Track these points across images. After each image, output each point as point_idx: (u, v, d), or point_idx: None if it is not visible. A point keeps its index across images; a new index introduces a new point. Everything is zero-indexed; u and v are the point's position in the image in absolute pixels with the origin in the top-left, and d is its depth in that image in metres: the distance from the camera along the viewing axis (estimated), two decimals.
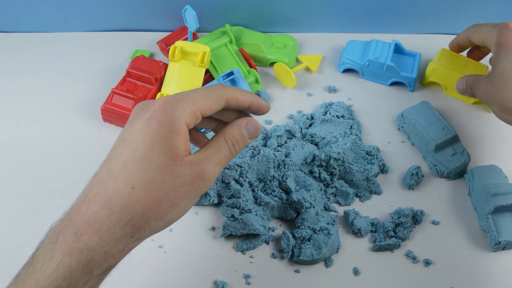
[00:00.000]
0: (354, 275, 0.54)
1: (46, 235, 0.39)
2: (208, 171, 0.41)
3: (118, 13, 0.74)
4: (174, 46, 0.65)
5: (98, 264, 0.38)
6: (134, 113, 0.42)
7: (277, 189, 0.58)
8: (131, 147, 0.39)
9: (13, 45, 0.75)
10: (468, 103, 0.68)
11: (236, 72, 0.64)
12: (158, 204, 0.39)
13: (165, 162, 0.39)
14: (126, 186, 0.38)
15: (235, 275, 0.54)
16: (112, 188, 0.38)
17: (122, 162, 0.39)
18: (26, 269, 0.38)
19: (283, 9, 0.73)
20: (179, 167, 0.40)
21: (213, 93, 0.42)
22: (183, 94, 0.41)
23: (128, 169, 0.39)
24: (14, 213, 0.58)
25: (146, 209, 0.38)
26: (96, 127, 0.66)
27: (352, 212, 0.57)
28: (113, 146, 0.41)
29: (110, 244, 0.38)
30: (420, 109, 0.64)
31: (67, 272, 0.37)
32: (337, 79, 0.71)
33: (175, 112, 0.40)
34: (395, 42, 0.69)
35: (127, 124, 0.41)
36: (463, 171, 0.60)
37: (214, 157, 0.42)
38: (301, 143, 0.62)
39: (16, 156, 0.63)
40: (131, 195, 0.38)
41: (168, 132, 0.39)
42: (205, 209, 0.59)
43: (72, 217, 0.39)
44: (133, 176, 0.38)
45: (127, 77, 0.67)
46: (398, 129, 0.66)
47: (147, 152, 0.39)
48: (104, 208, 0.38)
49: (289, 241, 0.54)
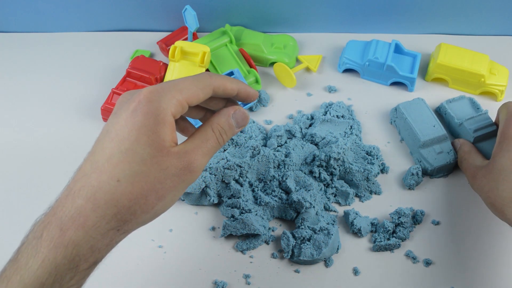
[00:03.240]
0: (354, 275, 0.54)
1: (31, 229, 0.38)
2: (195, 162, 0.40)
3: (118, 13, 0.74)
4: (174, 46, 0.65)
5: (84, 259, 0.37)
6: (118, 104, 0.41)
7: (277, 189, 0.58)
8: (116, 139, 0.38)
9: (13, 45, 0.75)
10: (474, 94, 0.69)
11: (236, 72, 0.64)
12: (145, 197, 0.38)
13: (151, 154, 0.38)
14: (112, 179, 0.37)
15: (235, 275, 0.54)
16: (97, 181, 0.38)
17: (107, 155, 0.38)
18: (11, 264, 0.38)
19: (283, 9, 0.73)
20: (166, 159, 0.39)
21: (200, 82, 0.41)
22: (169, 84, 0.40)
23: (113, 162, 0.38)
24: (14, 213, 0.58)
25: (132, 202, 0.38)
26: (96, 127, 0.65)
27: (352, 212, 0.57)
28: (97, 138, 0.40)
29: (96, 239, 0.37)
30: (414, 105, 0.64)
31: (52, 268, 0.36)
32: (337, 79, 0.71)
33: (161, 102, 0.39)
34: (395, 42, 0.69)
35: (111, 116, 0.40)
36: (447, 170, 0.61)
37: (201, 147, 0.41)
38: (301, 143, 0.62)
39: (16, 156, 0.63)
40: (117, 189, 0.37)
41: (154, 124, 0.38)
42: (205, 209, 0.59)
43: (56, 211, 0.38)
44: (119, 169, 0.38)
45: (127, 77, 0.67)
46: (390, 123, 0.66)
47: (132, 144, 0.38)
48: (89, 202, 0.37)
49: (289, 241, 0.54)
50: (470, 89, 0.69)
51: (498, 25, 0.75)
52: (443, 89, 0.70)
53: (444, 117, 0.66)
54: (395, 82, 0.70)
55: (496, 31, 0.75)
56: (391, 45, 0.69)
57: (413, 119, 0.62)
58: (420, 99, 0.65)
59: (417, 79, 0.69)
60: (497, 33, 0.76)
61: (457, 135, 0.64)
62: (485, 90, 0.68)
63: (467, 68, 0.67)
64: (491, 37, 0.76)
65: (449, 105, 0.65)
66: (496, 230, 0.57)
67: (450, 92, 0.69)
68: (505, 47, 0.74)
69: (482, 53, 0.68)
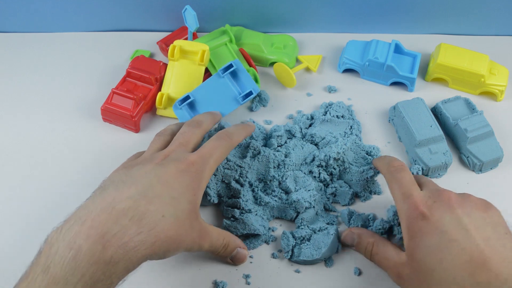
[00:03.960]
0: (355, 275, 0.54)
1: (64, 237, 0.40)
2: (205, 243, 0.48)
3: (118, 13, 0.74)
4: (173, 45, 0.65)
5: (117, 277, 0.41)
6: (161, 156, 0.49)
7: (277, 189, 0.58)
8: (167, 185, 0.45)
9: (13, 45, 0.75)
10: (474, 94, 0.69)
11: (236, 63, 0.61)
12: (173, 240, 0.43)
13: (189, 209, 0.45)
14: (158, 213, 0.43)
15: (235, 275, 0.54)
16: (144, 208, 0.42)
17: (156, 193, 0.44)
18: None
19: (283, 9, 0.73)
20: (195, 221, 0.46)
21: (228, 149, 0.53)
22: (208, 152, 0.50)
23: (162, 201, 0.44)
24: (14, 213, 0.58)
25: (166, 238, 0.43)
26: (96, 127, 0.66)
27: (350, 212, 0.57)
28: (138, 171, 0.46)
29: (131, 261, 0.41)
30: (413, 104, 0.64)
31: (92, 283, 0.39)
32: (337, 79, 0.71)
33: (204, 172, 0.48)
34: (395, 42, 0.70)
35: (157, 164, 0.47)
36: (442, 170, 0.61)
37: (213, 238, 0.49)
38: (301, 143, 0.62)
39: (16, 156, 0.63)
40: (160, 222, 0.42)
41: (197, 188, 0.47)
42: (205, 209, 0.59)
43: (95, 225, 0.41)
44: (165, 208, 0.43)
45: (127, 77, 0.67)
46: (388, 121, 0.66)
47: (180, 195, 0.45)
48: (134, 225, 0.41)
49: (289, 241, 0.54)
50: (470, 89, 0.69)
51: (498, 25, 0.75)
52: (443, 89, 0.70)
53: (439, 117, 0.66)
54: (395, 82, 0.70)
55: (496, 31, 0.76)
56: (391, 45, 0.69)
57: (411, 118, 0.62)
58: (419, 99, 0.65)
59: (417, 79, 0.69)
60: (497, 33, 0.76)
61: (452, 135, 0.64)
62: (485, 90, 0.68)
63: (467, 68, 0.67)
64: (491, 37, 0.76)
65: (445, 105, 0.65)
66: None
67: (450, 92, 0.69)
68: (505, 47, 0.74)
69: (482, 53, 0.68)
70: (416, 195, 0.48)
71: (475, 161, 0.61)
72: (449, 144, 0.64)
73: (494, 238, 0.43)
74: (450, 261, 0.43)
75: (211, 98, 0.62)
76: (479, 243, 0.43)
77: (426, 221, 0.45)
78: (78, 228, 0.40)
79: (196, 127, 0.54)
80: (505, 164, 0.62)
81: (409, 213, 0.47)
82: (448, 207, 0.46)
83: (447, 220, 0.45)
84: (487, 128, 0.62)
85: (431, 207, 0.46)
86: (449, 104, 0.65)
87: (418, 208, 0.46)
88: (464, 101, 0.65)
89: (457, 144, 0.64)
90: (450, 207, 0.46)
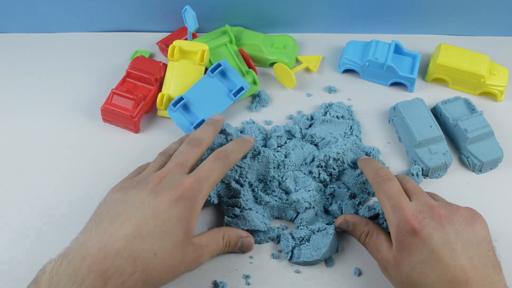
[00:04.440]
0: (355, 275, 0.54)
1: (65, 271, 0.42)
2: (203, 257, 0.50)
3: (118, 13, 0.74)
4: (172, 46, 0.65)
5: None
6: (157, 178, 0.49)
7: (277, 189, 0.58)
8: (159, 218, 0.46)
9: (13, 45, 0.75)
10: (473, 94, 0.69)
11: (223, 62, 0.64)
12: (166, 273, 0.46)
13: (181, 239, 0.46)
14: (150, 252, 0.44)
15: (235, 275, 0.54)
16: (139, 247, 0.44)
17: (149, 229, 0.45)
18: None
19: (283, 10, 0.73)
20: (189, 248, 0.48)
21: (225, 168, 0.53)
22: (204, 176, 0.50)
23: (154, 237, 0.45)
24: (14, 213, 0.58)
25: (159, 274, 0.45)
26: (96, 127, 0.66)
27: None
28: (133, 199, 0.47)
29: None
30: (413, 105, 0.64)
31: None
32: (337, 80, 0.71)
33: (198, 198, 0.48)
34: (395, 42, 0.70)
35: (152, 190, 0.47)
36: (442, 171, 0.61)
37: (211, 247, 0.51)
38: (301, 144, 0.62)
39: (16, 156, 0.63)
40: (152, 261, 0.44)
41: (190, 216, 0.47)
42: (205, 209, 0.59)
43: (95, 261, 0.42)
44: (157, 245, 0.45)
45: (127, 78, 0.67)
46: (388, 121, 0.66)
47: (172, 227, 0.46)
48: (128, 262, 0.43)
49: (288, 242, 0.54)
50: (470, 89, 0.69)
51: (498, 26, 0.75)
52: (443, 90, 0.70)
53: (439, 117, 0.66)
54: (395, 82, 0.70)
55: (496, 31, 0.76)
56: (391, 45, 0.69)
57: (410, 119, 0.62)
58: (419, 99, 0.65)
59: (417, 80, 0.69)
60: (497, 33, 0.76)
61: (452, 135, 0.64)
62: (485, 90, 0.68)
63: (467, 68, 0.67)
64: (491, 37, 0.76)
65: (445, 105, 0.65)
66: (492, 229, 0.56)
67: (450, 92, 0.69)
68: (505, 48, 0.74)
69: (482, 54, 0.68)
70: (406, 209, 0.48)
71: (475, 162, 0.61)
72: (449, 144, 0.64)
73: (476, 256, 0.46)
74: (434, 278, 0.45)
75: (204, 98, 0.63)
76: (463, 263, 0.45)
77: (416, 236, 0.47)
78: (79, 264, 0.42)
79: (196, 146, 0.54)
80: (505, 164, 0.62)
81: (399, 226, 0.48)
82: (438, 224, 0.47)
83: (436, 238, 0.46)
84: (487, 129, 0.62)
85: (421, 222, 0.47)
86: (449, 104, 0.65)
87: (408, 223, 0.47)
88: (464, 101, 0.65)
89: (457, 145, 0.64)
90: (440, 225, 0.47)
